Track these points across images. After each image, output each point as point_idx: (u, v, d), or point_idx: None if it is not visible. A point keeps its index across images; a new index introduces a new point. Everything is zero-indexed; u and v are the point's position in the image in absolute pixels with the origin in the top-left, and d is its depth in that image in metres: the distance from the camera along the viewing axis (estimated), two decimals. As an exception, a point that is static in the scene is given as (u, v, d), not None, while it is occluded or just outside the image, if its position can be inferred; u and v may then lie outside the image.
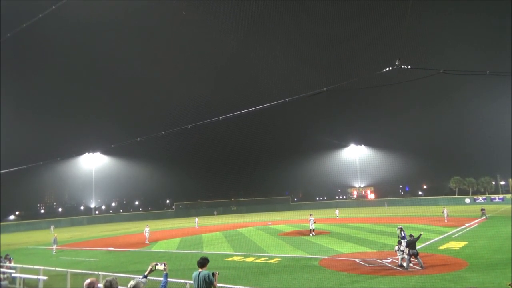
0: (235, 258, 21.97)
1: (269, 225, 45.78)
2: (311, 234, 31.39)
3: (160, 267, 6.01)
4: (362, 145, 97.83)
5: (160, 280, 6.33)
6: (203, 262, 7.63)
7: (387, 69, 7.19)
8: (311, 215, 32.97)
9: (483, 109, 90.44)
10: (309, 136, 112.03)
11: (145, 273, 5.93)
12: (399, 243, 17.26)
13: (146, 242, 32.48)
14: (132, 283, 5.12)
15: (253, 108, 10.47)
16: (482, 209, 39.85)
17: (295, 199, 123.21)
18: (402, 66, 6.96)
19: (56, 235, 32.67)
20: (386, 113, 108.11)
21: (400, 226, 19.25)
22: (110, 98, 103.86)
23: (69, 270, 11.42)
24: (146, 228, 34.08)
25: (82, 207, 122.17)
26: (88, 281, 5.01)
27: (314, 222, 32.37)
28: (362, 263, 18.25)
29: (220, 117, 10.80)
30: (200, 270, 7.53)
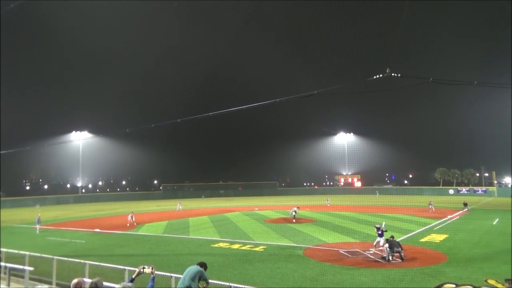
0: (221, 244, 22.24)
1: (256, 210, 46.22)
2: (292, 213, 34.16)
3: (148, 270, 6.12)
4: (351, 133, 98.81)
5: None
6: (202, 266, 8.32)
7: (377, 76, 7.26)
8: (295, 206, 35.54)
9: (471, 107, 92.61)
10: (299, 123, 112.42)
11: (133, 276, 6.03)
12: (386, 240, 17.53)
13: (128, 225, 32.52)
14: (118, 287, 5.22)
15: (244, 107, 10.56)
16: (465, 203, 40.84)
17: (283, 184, 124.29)
18: (392, 74, 7.03)
19: (39, 214, 32.50)
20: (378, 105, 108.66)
21: (377, 225, 19.64)
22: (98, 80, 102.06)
23: (55, 257, 11.46)
24: (131, 215, 33.92)
25: (68, 185, 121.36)
26: (75, 281, 5.09)
27: (296, 212, 34.12)
28: (346, 253, 18.66)
29: (210, 113, 10.88)
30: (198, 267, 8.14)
